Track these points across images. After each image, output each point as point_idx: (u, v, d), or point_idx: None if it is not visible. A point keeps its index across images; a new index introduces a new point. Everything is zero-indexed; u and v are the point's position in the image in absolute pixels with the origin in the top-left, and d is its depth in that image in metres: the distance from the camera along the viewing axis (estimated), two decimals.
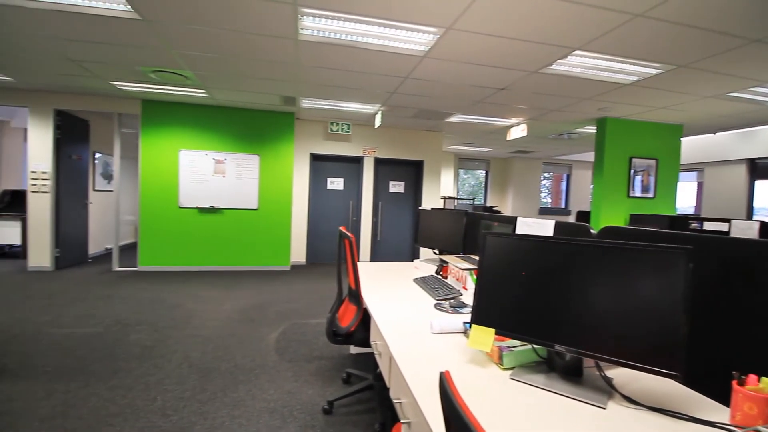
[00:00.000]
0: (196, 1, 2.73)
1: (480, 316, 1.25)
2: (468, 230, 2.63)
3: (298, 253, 6.83)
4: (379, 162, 7.20)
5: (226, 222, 6.11)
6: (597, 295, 1.06)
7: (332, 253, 7.16)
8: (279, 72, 4.21)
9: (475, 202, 10.79)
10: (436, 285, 2.16)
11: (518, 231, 1.98)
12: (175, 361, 2.82)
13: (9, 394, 2.28)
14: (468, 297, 2.00)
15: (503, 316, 1.22)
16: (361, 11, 2.78)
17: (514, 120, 6.00)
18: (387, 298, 2.00)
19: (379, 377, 2.34)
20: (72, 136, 5.98)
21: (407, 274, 2.66)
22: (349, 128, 6.59)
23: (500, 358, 1.22)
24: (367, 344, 2.03)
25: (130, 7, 2.83)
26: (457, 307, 1.81)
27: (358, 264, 2.10)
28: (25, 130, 6.27)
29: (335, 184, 7.17)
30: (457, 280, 2.21)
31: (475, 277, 2.05)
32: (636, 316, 1.00)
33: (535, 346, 1.23)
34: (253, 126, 6.14)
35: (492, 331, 1.20)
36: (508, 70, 3.79)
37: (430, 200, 7.39)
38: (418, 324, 1.59)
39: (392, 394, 1.34)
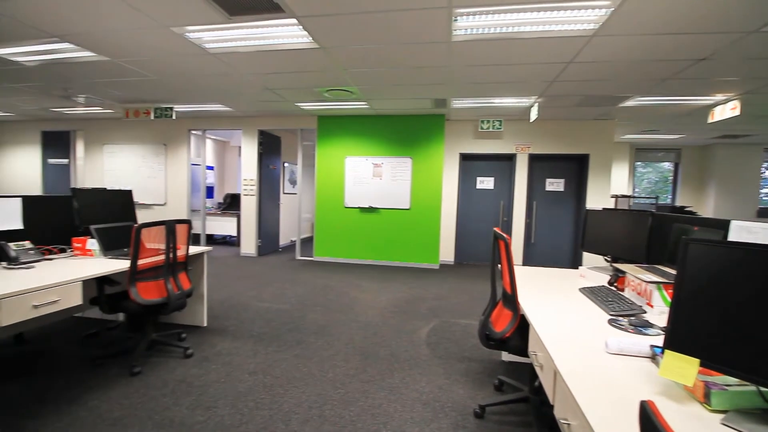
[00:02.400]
0: (361, 24, 3.04)
1: (677, 341, 1.03)
2: (653, 235, 2.20)
3: (447, 252, 6.91)
4: (534, 158, 6.69)
5: (382, 221, 6.65)
6: None
7: (481, 253, 7.00)
8: (432, 76, 4.33)
9: (659, 201, 8.93)
10: (609, 298, 1.88)
11: (732, 238, 1.56)
12: (342, 341, 3.22)
13: (230, 350, 2.99)
14: (654, 315, 1.68)
15: (713, 344, 0.97)
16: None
17: (719, 96, 4.73)
18: (548, 306, 1.84)
19: (537, 391, 2.18)
20: (269, 150, 7.46)
21: (571, 282, 2.39)
22: (500, 125, 6.32)
23: (706, 396, 0.98)
24: (523, 353, 1.91)
25: (311, 38, 3.36)
26: (640, 326, 1.53)
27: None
28: (239, 147, 8.14)
29: (485, 183, 6.98)
30: (638, 294, 1.87)
31: (664, 292, 1.70)
32: None
33: (762, 388, 0.95)
34: (406, 130, 6.51)
35: (696, 361, 0.98)
36: (713, 34, 3.01)
37: (597, 199, 6.47)
38: (589, 340, 1.41)
39: (557, 413, 1.23)
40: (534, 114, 5.48)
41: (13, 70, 4.49)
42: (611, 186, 6.61)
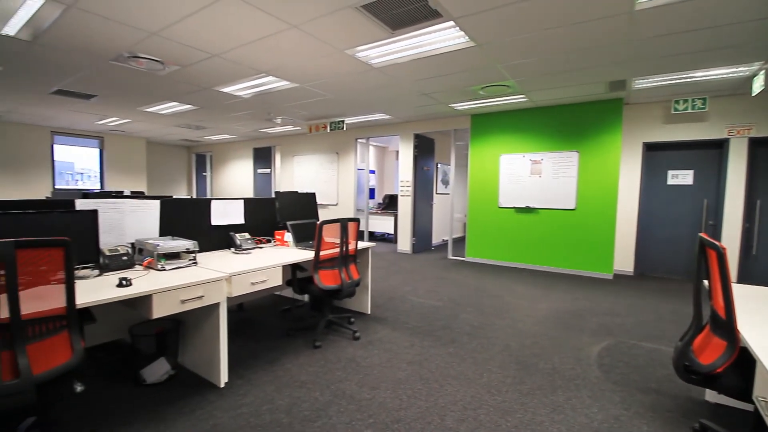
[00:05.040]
0: (519, 12, 2.87)
1: None
2: None
3: (624, 260, 5.90)
4: (757, 144, 5.09)
5: (540, 222, 6.13)
6: None
7: (671, 264, 5.73)
8: (606, 56, 3.77)
9: None
10: None
11: None
12: (498, 346, 3.11)
13: (389, 338, 3.24)
14: None
15: None
16: None
17: None
18: None
19: None
20: (424, 152, 7.78)
21: None
22: (704, 103, 5.03)
23: None
24: (742, 396, 1.48)
25: (467, 38, 3.35)
26: None
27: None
28: (397, 151, 8.74)
29: (680, 177, 5.68)
30: None
31: None
32: None
33: None
34: (571, 121, 5.83)
35: None
36: None
37: None
38: None
39: None
40: (759, 85, 4.16)
41: (237, 102, 5.90)
42: None
